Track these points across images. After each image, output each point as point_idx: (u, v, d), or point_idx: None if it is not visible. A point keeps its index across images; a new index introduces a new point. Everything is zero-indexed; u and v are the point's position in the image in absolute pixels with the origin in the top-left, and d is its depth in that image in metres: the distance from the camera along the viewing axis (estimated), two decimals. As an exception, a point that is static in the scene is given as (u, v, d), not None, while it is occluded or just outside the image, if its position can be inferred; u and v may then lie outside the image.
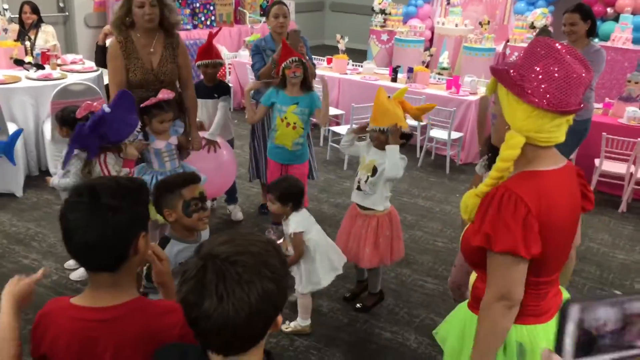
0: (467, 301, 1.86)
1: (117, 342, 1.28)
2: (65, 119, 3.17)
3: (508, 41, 8.48)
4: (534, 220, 1.44)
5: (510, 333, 1.58)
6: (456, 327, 1.85)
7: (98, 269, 1.30)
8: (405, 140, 3.07)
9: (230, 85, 4.55)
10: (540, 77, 1.43)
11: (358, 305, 3.39)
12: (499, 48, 8.45)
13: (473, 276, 1.80)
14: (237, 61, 7.61)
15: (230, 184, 4.19)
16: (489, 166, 2.65)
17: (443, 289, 3.59)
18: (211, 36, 4.08)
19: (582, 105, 1.47)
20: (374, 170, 3.07)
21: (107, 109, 2.89)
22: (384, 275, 3.70)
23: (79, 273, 3.52)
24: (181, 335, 1.28)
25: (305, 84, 3.64)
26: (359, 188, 3.14)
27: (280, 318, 1.11)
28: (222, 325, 1.00)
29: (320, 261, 2.99)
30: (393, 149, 2.97)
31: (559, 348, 0.82)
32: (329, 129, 6.12)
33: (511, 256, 1.44)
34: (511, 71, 1.48)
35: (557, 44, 1.46)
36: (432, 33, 9.66)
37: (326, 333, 3.16)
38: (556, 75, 1.42)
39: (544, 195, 1.47)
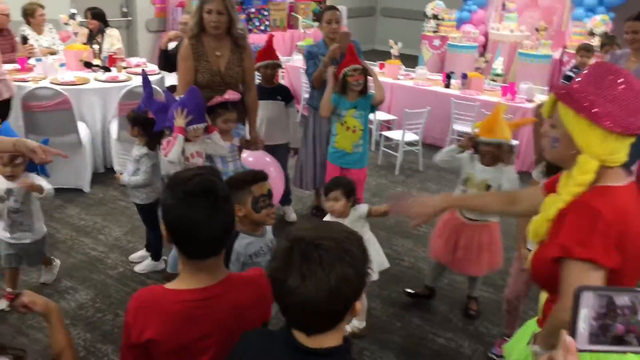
0: (535, 318, 1.85)
1: (219, 317, 1.38)
2: (136, 119, 3.32)
3: (565, 47, 8.31)
4: (613, 233, 1.45)
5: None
6: (524, 342, 1.83)
7: (211, 255, 1.40)
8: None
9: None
10: (611, 101, 1.46)
11: (472, 312, 3.43)
12: (556, 55, 8.29)
13: (543, 296, 1.80)
14: (290, 65, 7.74)
15: (277, 200, 4.28)
16: (546, 173, 2.64)
17: (497, 297, 3.58)
18: (270, 38, 4.24)
19: None
20: (488, 188, 3.09)
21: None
22: (437, 282, 3.72)
23: (143, 266, 3.69)
24: (264, 306, 1.40)
25: (364, 89, 3.71)
26: None
27: (359, 305, 1.17)
28: (304, 301, 1.09)
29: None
30: (511, 170, 3.01)
31: (573, 333, 0.85)
32: (380, 134, 6.16)
33: (589, 264, 1.45)
34: (578, 95, 1.49)
35: (619, 68, 1.50)
36: (486, 39, 9.55)
37: (380, 336, 3.20)
38: (627, 98, 1.45)
39: (619, 208, 1.48)
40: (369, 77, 3.74)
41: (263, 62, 4.17)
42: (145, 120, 3.25)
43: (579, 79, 1.54)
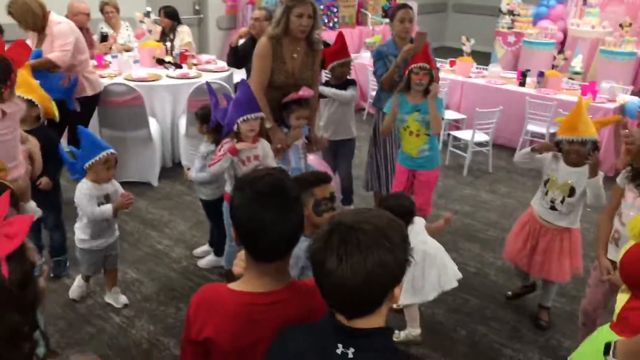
0: (608, 324, 1.74)
1: (281, 323, 1.35)
2: (205, 117, 3.35)
3: (652, 44, 7.77)
4: None
5: None
6: (597, 349, 1.72)
7: (275, 258, 1.36)
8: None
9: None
10: None
11: (543, 323, 3.26)
12: (642, 52, 7.77)
13: (623, 298, 1.67)
14: (358, 62, 7.65)
15: None
16: (632, 178, 2.46)
17: (571, 308, 3.36)
18: (342, 36, 4.19)
19: None
20: (571, 191, 2.91)
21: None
22: (505, 290, 3.55)
23: (206, 261, 3.73)
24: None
25: (427, 90, 3.54)
26: (553, 208, 3.00)
27: (398, 291, 1.17)
28: (340, 284, 1.10)
29: (427, 274, 2.88)
30: (597, 182, 2.78)
31: None
32: (448, 134, 5.97)
33: None
34: None
35: None
36: (564, 35, 9.08)
37: (443, 343, 3.08)
38: None
39: None
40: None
41: (340, 60, 4.11)
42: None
43: None
